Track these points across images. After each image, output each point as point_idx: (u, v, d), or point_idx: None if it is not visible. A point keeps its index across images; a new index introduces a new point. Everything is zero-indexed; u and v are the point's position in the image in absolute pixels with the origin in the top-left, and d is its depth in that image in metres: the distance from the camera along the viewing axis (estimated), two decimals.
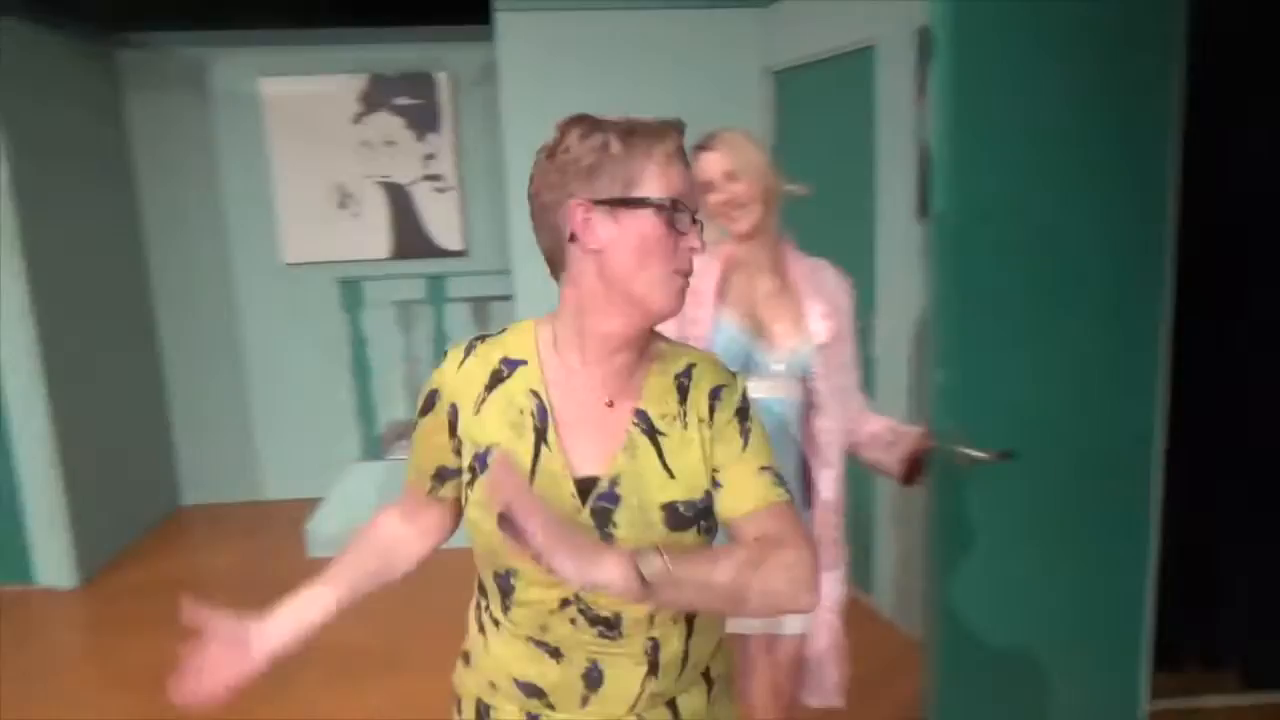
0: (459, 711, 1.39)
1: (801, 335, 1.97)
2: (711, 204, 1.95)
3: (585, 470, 1.22)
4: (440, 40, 4.82)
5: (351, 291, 4.67)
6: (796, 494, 1.89)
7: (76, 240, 4.34)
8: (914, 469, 2.02)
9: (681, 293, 1.20)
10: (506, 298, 4.57)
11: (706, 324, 1.94)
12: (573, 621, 1.22)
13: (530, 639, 1.25)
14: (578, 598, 1.20)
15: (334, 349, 4.94)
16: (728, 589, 1.10)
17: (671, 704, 1.28)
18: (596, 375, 1.24)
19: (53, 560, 4.18)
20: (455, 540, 1.40)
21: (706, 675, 1.33)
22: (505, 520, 1.01)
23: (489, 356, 1.27)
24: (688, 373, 1.28)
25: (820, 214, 3.93)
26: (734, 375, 1.32)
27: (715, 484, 1.24)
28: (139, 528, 4.81)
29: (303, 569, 1.54)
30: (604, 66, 4.16)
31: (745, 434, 1.26)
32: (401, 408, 5.02)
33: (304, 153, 4.85)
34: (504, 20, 4.11)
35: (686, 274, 1.20)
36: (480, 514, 1.22)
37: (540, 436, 1.22)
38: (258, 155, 4.88)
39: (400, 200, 4.93)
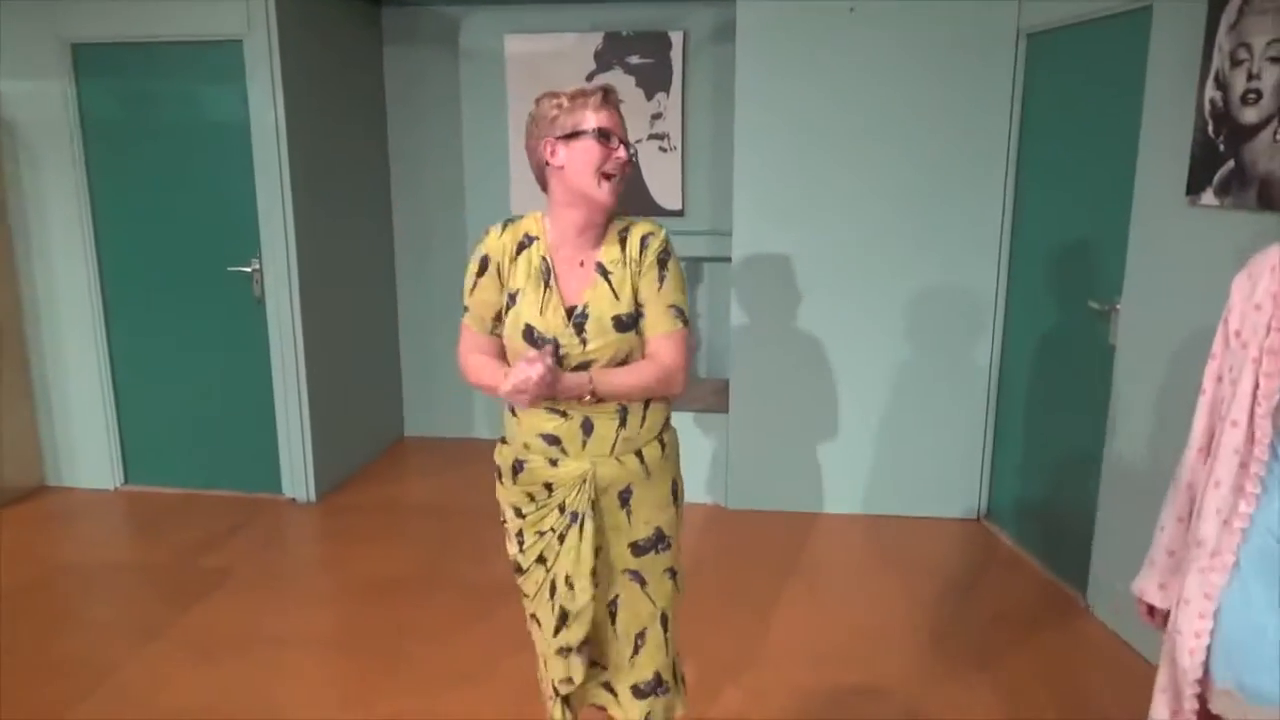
0: (499, 479, 2.12)
1: None
2: None
3: (571, 302, 1.96)
4: None
5: None
6: None
7: (333, 182, 4.71)
8: None
9: (613, 189, 1.94)
10: (725, 259, 4.58)
11: (1257, 338, 1.51)
12: None
13: (547, 407, 1.96)
14: None
15: None
16: (631, 388, 1.96)
17: (638, 453, 2.02)
18: (574, 248, 1.98)
19: (297, 475, 4.61)
20: None
21: (660, 439, 2.07)
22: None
23: (516, 233, 2.01)
24: (626, 229, 2.01)
25: (1068, 185, 3.70)
26: (660, 228, 2.03)
27: (640, 309, 1.98)
28: (367, 453, 5.22)
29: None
30: (846, 30, 4.04)
31: (661, 278, 1.98)
32: None
33: None
34: None
35: (610, 175, 1.92)
36: (511, 330, 1.96)
37: (546, 283, 1.96)
38: (497, 109, 5.11)
39: None
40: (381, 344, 5.36)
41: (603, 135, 1.91)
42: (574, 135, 1.91)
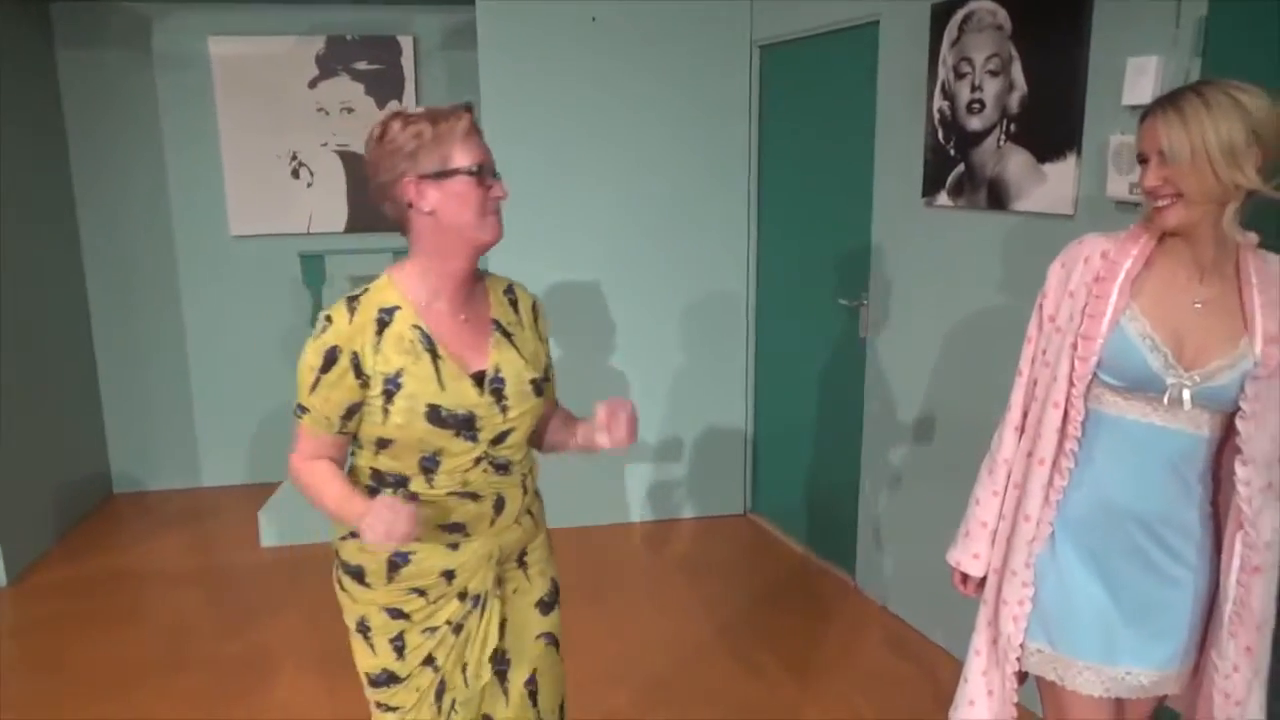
0: (359, 581, 1.74)
1: (1228, 357, 1.54)
2: (1143, 183, 1.55)
3: (474, 367, 1.68)
4: (405, 2, 4.57)
5: (314, 266, 4.40)
6: (1202, 550, 1.65)
7: (1, 211, 3.97)
8: None
9: (498, 224, 1.64)
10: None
11: (1103, 319, 1.59)
12: (484, 471, 1.71)
13: (452, 493, 1.70)
14: (486, 454, 1.70)
15: (279, 325, 4.72)
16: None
17: (529, 512, 1.86)
18: (451, 303, 1.67)
19: None
20: None
21: (537, 493, 1.92)
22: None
23: (368, 310, 1.64)
24: (510, 291, 1.80)
25: (811, 192, 3.89)
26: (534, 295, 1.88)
27: (548, 375, 1.84)
28: (68, 518, 4.46)
29: (256, 560, 1.55)
30: (590, 39, 3.99)
31: (549, 349, 1.87)
32: None
33: (255, 118, 4.55)
34: None
35: (497, 210, 1.65)
36: (406, 418, 1.62)
37: (433, 354, 1.64)
38: (205, 120, 4.56)
39: (358, 170, 4.67)
40: (77, 389, 4.60)
41: (480, 171, 1.60)
42: (444, 174, 1.58)
